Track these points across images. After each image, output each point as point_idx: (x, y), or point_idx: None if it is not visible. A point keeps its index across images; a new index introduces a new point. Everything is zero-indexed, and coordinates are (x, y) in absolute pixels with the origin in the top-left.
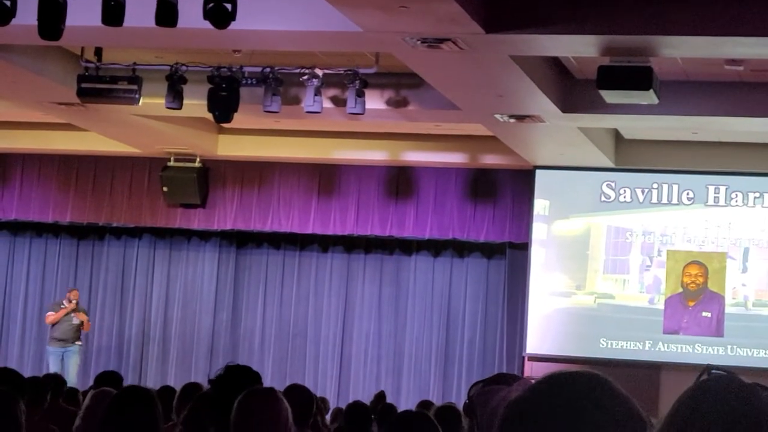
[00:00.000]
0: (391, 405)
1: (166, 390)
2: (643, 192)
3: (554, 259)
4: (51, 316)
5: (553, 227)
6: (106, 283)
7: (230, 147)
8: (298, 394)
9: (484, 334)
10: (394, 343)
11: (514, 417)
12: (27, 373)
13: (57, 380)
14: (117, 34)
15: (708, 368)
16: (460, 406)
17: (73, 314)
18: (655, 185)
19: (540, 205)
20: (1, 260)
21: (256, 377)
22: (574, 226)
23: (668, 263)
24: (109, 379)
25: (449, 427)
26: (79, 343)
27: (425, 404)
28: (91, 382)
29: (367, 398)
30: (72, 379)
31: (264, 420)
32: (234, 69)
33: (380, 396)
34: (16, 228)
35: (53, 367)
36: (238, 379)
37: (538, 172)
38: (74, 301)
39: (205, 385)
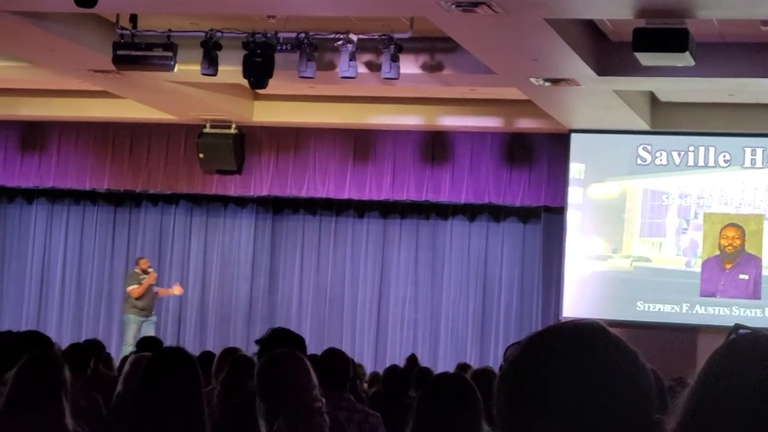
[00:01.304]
0: (427, 369)
1: (206, 355)
2: (679, 155)
3: (590, 223)
4: (136, 290)
5: (588, 191)
6: (144, 250)
7: (265, 113)
8: (335, 358)
9: (520, 298)
10: (431, 307)
11: (510, 370)
12: (66, 339)
13: (98, 346)
14: (152, 0)
15: (736, 327)
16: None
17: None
18: (691, 148)
19: (575, 169)
20: (39, 228)
21: (300, 341)
22: (610, 189)
23: (705, 226)
24: (149, 344)
25: (486, 390)
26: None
27: (463, 367)
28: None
29: (404, 363)
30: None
31: (287, 384)
32: (269, 35)
33: (412, 359)
34: (54, 196)
35: (133, 335)
36: (283, 341)
37: (573, 135)
38: (152, 270)
39: (244, 349)
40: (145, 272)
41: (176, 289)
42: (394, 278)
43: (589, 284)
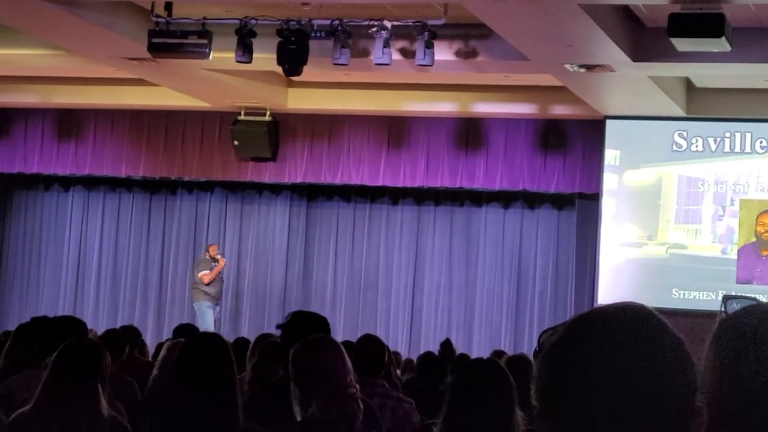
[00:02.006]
0: (463, 355)
1: (240, 341)
2: (715, 141)
3: (625, 210)
4: (207, 276)
5: (624, 177)
6: (179, 237)
7: (300, 100)
8: (370, 344)
9: (555, 285)
10: (465, 294)
11: (552, 352)
12: (102, 326)
13: (133, 333)
14: None
15: (725, 298)
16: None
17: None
18: (727, 134)
19: (611, 156)
20: (75, 215)
21: (323, 323)
22: (645, 176)
23: (741, 212)
24: (185, 331)
25: (520, 376)
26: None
27: (498, 354)
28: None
29: (438, 350)
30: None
31: (321, 369)
32: (303, 22)
33: (446, 344)
34: (90, 183)
35: (208, 322)
36: (305, 325)
37: (608, 122)
38: (220, 256)
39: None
40: (214, 259)
41: (221, 262)
42: (429, 265)
43: (624, 271)
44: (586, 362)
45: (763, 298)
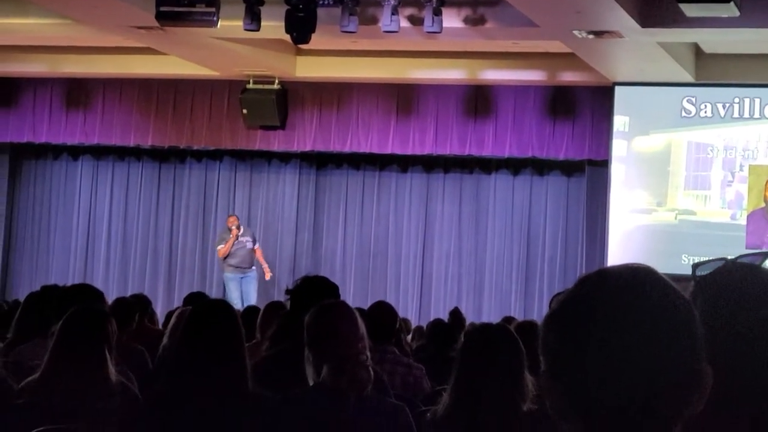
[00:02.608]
0: (472, 323)
1: (250, 309)
2: (724, 107)
3: (634, 176)
4: (221, 250)
5: (633, 144)
6: (188, 205)
7: (308, 68)
8: (382, 311)
9: (564, 251)
10: (475, 261)
11: (556, 325)
12: (112, 295)
13: (143, 301)
14: None
15: (695, 266)
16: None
17: (244, 240)
18: (736, 99)
19: (620, 122)
20: (84, 184)
21: (333, 288)
22: (654, 142)
23: (750, 178)
24: (195, 299)
25: (529, 342)
26: (263, 268)
27: (508, 320)
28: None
29: (448, 317)
30: (252, 303)
31: (334, 334)
32: None
33: (456, 313)
34: (99, 152)
35: (233, 293)
36: (315, 290)
37: (617, 88)
38: (235, 227)
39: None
40: (231, 230)
41: (232, 233)
42: (438, 232)
43: (634, 237)
44: (595, 321)
45: None
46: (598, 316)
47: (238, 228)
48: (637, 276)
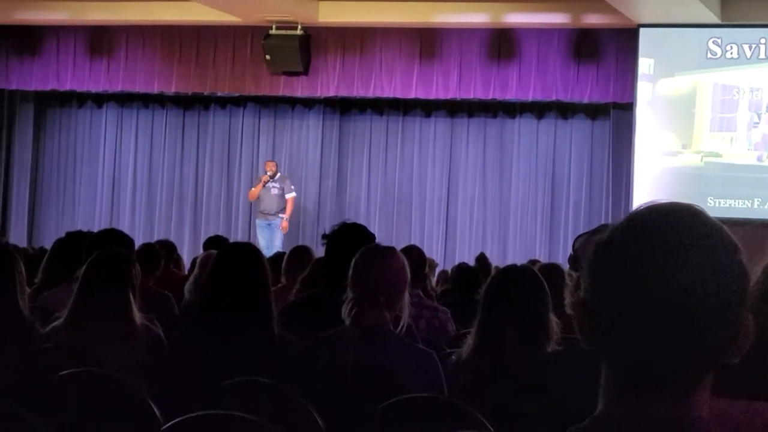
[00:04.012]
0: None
1: (277, 254)
2: (750, 48)
3: (660, 119)
4: (250, 193)
5: (658, 86)
6: (213, 152)
7: (331, 13)
8: (411, 255)
9: (589, 195)
10: (500, 206)
11: (603, 256)
12: (138, 241)
13: (169, 247)
14: None
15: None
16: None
17: (272, 186)
18: (762, 40)
19: (644, 64)
20: (109, 132)
21: (370, 237)
22: (679, 84)
23: None
24: (216, 243)
25: (553, 284)
26: (284, 215)
27: (532, 262)
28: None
29: (473, 262)
30: (277, 249)
31: (363, 274)
32: None
33: (481, 258)
34: (123, 99)
35: (260, 240)
36: (353, 237)
37: (642, 30)
38: (269, 173)
39: (313, 249)
40: (265, 174)
41: (262, 179)
42: (462, 177)
43: (659, 181)
44: (642, 256)
45: None
46: (637, 259)
47: (273, 175)
48: (690, 216)
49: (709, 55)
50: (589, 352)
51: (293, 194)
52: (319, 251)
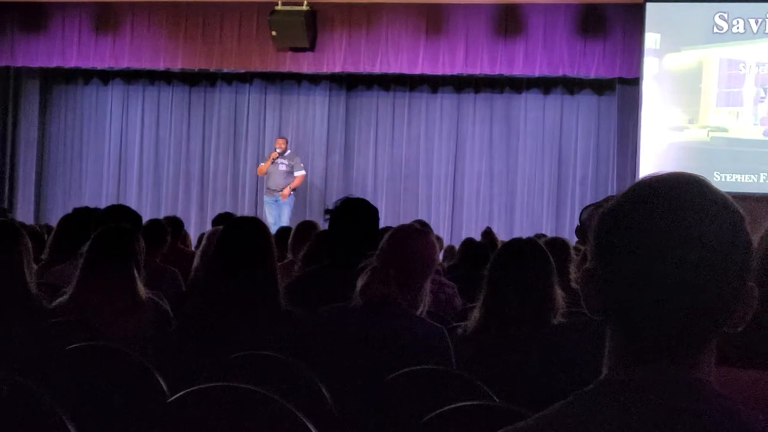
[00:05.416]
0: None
1: (282, 229)
2: (756, 22)
3: (666, 94)
4: (259, 168)
5: (664, 61)
6: (219, 129)
7: None
8: None
9: (596, 170)
10: (506, 181)
11: (609, 225)
12: (145, 218)
13: (176, 223)
14: None
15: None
16: (573, 243)
17: (280, 162)
18: None
19: (651, 39)
20: (116, 109)
21: (373, 211)
22: (685, 59)
23: None
24: (224, 219)
25: (558, 257)
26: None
27: (538, 236)
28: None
29: (479, 237)
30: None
31: (407, 256)
32: None
33: (488, 232)
34: (129, 76)
35: (267, 216)
36: (355, 211)
37: (648, 5)
38: (278, 150)
39: (320, 224)
40: (274, 151)
41: (271, 155)
42: (469, 153)
43: (666, 156)
44: (648, 225)
45: None
46: (641, 226)
47: (283, 152)
48: (686, 187)
49: (716, 30)
50: (594, 323)
51: (302, 172)
52: (325, 227)
